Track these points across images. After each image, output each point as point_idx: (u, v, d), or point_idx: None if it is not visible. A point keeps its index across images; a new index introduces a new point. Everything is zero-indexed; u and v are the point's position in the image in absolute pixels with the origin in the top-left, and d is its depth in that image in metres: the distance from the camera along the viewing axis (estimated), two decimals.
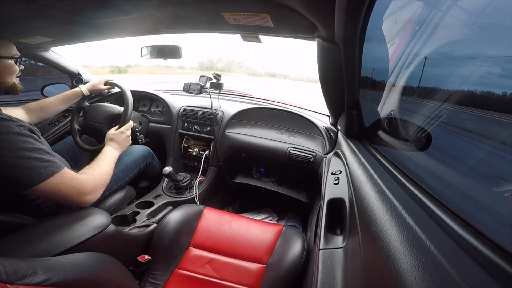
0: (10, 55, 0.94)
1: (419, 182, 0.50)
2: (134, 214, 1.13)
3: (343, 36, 0.69)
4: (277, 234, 1.01)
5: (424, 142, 0.59)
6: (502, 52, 0.41)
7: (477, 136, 0.49)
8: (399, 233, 0.36)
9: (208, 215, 1.10)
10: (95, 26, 1.07)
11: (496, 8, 0.46)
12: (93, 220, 0.75)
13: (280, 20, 0.86)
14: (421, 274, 0.28)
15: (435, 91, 0.62)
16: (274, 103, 1.71)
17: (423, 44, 0.66)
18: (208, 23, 1.00)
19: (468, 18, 0.52)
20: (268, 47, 11.49)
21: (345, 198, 0.69)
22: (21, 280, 0.37)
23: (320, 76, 1.00)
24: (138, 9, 0.91)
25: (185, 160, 1.59)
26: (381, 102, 0.88)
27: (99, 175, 0.85)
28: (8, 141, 0.65)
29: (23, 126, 0.71)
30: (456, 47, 0.56)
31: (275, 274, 0.87)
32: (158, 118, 1.59)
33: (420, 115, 0.66)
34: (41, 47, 1.45)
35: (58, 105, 1.25)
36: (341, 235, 0.63)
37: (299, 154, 1.30)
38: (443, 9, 0.61)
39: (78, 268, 0.49)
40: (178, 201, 1.30)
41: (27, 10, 0.89)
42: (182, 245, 0.98)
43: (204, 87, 1.55)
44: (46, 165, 0.70)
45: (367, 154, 0.80)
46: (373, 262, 0.39)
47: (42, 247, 0.63)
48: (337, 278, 0.51)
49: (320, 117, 1.54)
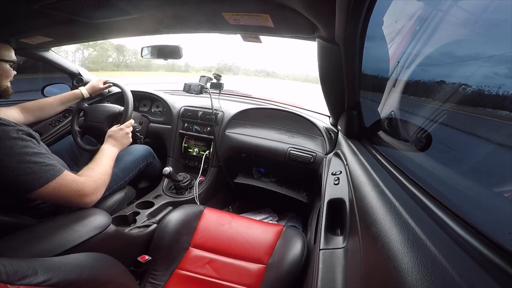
0: (9, 59, 0.96)
1: (419, 183, 0.50)
2: (134, 214, 1.13)
3: (344, 36, 0.69)
4: (277, 235, 1.01)
5: (424, 142, 0.59)
6: (503, 51, 0.41)
7: (477, 136, 0.49)
8: (399, 233, 0.35)
9: (208, 215, 1.10)
10: (96, 26, 1.07)
11: (496, 8, 0.46)
12: (93, 221, 0.75)
13: (281, 20, 0.86)
14: (422, 274, 0.27)
15: (435, 92, 0.62)
16: (274, 103, 1.71)
17: (424, 44, 0.66)
18: (209, 23, 1.00)
19: (469, 18, 0.52)
20: (264, 46, 11.52)
21: (345, 199, 0.69)
22: (22, 280, 0.37)
23: (320, 76, 1.00)
24: (138, 9, 0.91)
25: (185, 160, 1.59)
26: (382, 102, 0.88)
27: (98, 176, 0.85)
28: (8, 146, 0.66)
29: (22, 130, 0.71)
30: (457, 47, 0.56)
31: (275, 274, 0.87)
32: (159, 118, 1.59)
33: (420, 116, 0.66)
34: (41, 47, 1.45)
35: (57, 106, 1.23)
36: (341, 236, 0.63)
37: (299, 154, 1.30)
38: (443, 9, 0.61)
39: (78, 268, 0.49)
40: (178, 201, 1.30)
41: (28, 10, 0.89)
42: (182, 245, 0.98)
43: (204, 87, 1.55)
44: (47, 169, 0.70)
45: (367, 155, 0.80)
46: (374, 262, 0.39)
47: (42, 247, 0.63)
48: (338, 278, 0.51)
49: (320, 117, 1.54)
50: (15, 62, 0.98)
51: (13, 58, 0.97)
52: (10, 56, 0.96)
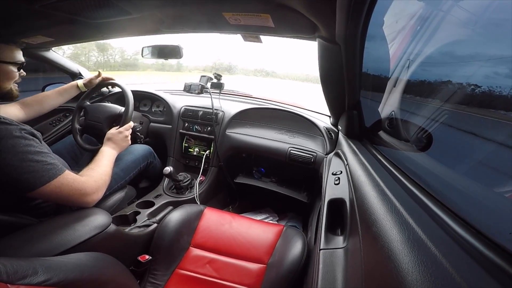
0: (11, 60, 0.90)
1: (419, 183, 0.49)
2: (135, 214, 1.13)
3: (344, 36, 0.69)
4: (278, 234, 1.01)
5: (425, 142, 0.59)
6: (504, 51, 0.41)
7: (478, 137, 0.49)
8: (399, 233, 0.35)
9: (208, 215, 1.10)
10: (96, 26, 1.08)
11: (497, 7, 0.46)
12: (93, 220, 0.75)
13: (281, 20, 0.86)
14: (422, 275, 0.27)
15: (436, 91, 0.62)
16: (275, 103, 1.71)
17: (424, 43, 0.66)
18: (209, 23, 1.00)
19: (470, 18, 0.52)
20: (263, 46, 11.52)
21: (346, 198, 0.69)
22: (22, 280, 0.37)
23: (321, 76, 1.00)
24: (139, 9, 0.91)
25: (186, 160, 1.60)
26: (382, 102, 0.88)
27: (99, 176, 0.86)
28: (11, 144, 0.66)
29: (24, 129, 0.71)
30: (457, 47, 0.56)
31: (276, 274, 0.87)
32: (159, 118, 1.59)
33: (421, 115, 0.66)
34: (42, 47, 1.45)
35: (55, 99, 1.22)
36: (341, 235, 0.63)
37: (299, 154, 1.30)
38: (444, 9, 0.61)
39: (78, 268, 0.49)
40: (179, 201, 1.30)
41: (28, 10, 0.89)
42: (182, 245, 0.98)
43: (205, 87, 1.55)
44: (48, 168, 0.71)
45: (368, 155, 0.80)
46: (374, 262, 0.39)
47: (42, 247, 0.63)
48: (338, 278, 0.51)
49: (320, 117, 1.54)
50: (16, 63, 0.91)
51: (16, 59, 0.91)
52: (11, 57, 0.90)
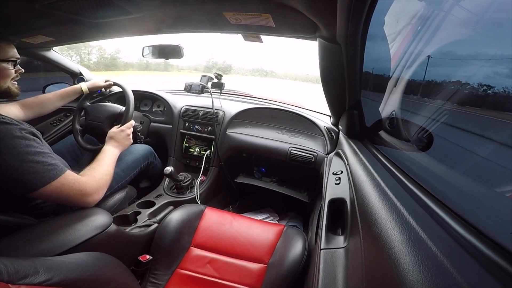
0: (3, 58, 0.87)
1: (420, 182, 0.49)
2: (135, 214, 1.13)
3: (345, 36, 0.69)
4: (278, 234, 1.01)
5: (425, 142, 0.59)
6: (505, 51, 0.41)
7: (478, 136, 0.49)
8: (400, 233, 0.35)
9: (209, 215, 1.10)
10: (97, 25, 1.08)
11: (498, 7, 0.46)
12: (94, 220, 0.75)
13: (282, 20, 0.86)
14: (423, 274, 0.27)
15: (436, 91, 0.62)
16: (275, 103, 1.71)
17: (425, 43, 0.66)
18: (210, 23, 1.00)
19: (471, 17, 0.52)
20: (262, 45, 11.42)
21: (346, 198, 0.69)
22: (23, 280, 0.37)
23: (321, 76, 1.00)
24: (139, 9, 0.91)
25: (186, 160, 1.60)
26: (383, 102, 0.88)
27: (100, 175, 0.86)
28: (11, 145, 0.66)
29: (24, 129, 0.71)
30: (458, 47, 0.56)
31: (276, 274, 0.87)
32: (160, 118, 1.59)
33: (421, 115, 0.66)
34: (43, 46, 1.45)
35: (56, 102, 1.22)
36: (342, 235, 0.63)
37: (300, 154, 1.30)
38: (445, 9, 0.61)
39: (79, 267, 0.49)
40: (179, 201, 1.30)
41: (29, 9, 0.89)
42: (183, 245, 0.98)
43: (205, 87, 1.55)
44: (49, 169, 0.70)
45: (368, 154, 0.80)
46: (375, 262, 0.39)
47: (43, 247, 0.64)
48: (339, 278, 0.51)
49: (321, 117, 1.54)
50: (10, 60, 0.89)
51: (10, 56, 0.89)
52: (3, 55, 0.87)
